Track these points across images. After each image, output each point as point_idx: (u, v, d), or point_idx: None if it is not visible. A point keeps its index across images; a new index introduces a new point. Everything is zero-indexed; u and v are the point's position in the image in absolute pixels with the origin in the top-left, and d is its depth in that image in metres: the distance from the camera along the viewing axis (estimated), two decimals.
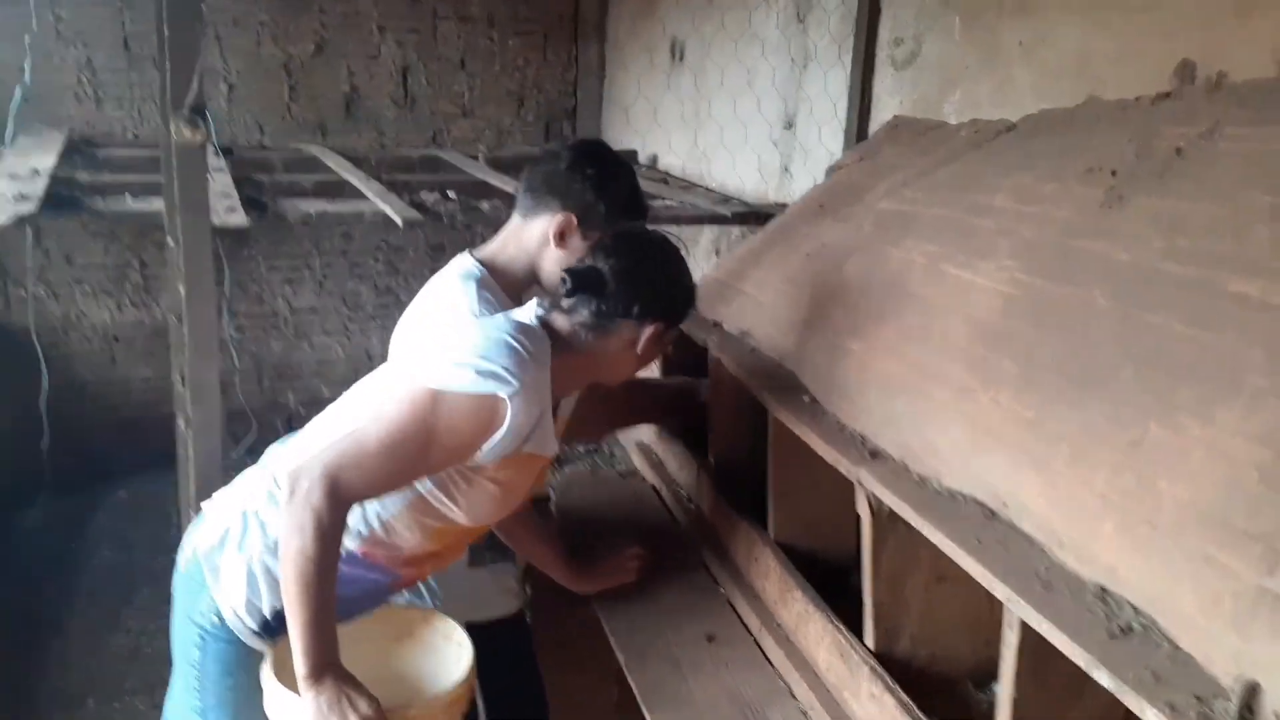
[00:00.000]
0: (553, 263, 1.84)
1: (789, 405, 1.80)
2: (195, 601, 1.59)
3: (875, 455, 1.60)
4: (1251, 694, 0.99)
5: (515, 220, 1.89)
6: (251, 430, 4.22)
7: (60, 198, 2.59)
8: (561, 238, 1.81)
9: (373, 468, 1.40)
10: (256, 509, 1.57)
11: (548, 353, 1.55)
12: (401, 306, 1.87)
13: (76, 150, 3.59)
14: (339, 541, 1.41)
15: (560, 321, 1.63)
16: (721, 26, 3.51)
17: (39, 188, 2.50)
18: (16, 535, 3.88)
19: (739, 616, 1.93)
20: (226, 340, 4.54)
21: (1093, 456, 1.25)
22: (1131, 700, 1.04)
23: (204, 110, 2.02)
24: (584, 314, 1.62)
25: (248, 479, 1.64)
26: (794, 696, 1.71)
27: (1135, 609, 1.14)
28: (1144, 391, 1.24)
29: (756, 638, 1.87)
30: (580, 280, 1.61)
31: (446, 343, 1.53)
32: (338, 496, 1.37)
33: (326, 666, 1.37)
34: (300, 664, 1.37)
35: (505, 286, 1.85)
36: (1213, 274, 1.25)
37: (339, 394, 1.70)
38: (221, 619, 1.57)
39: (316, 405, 4.51)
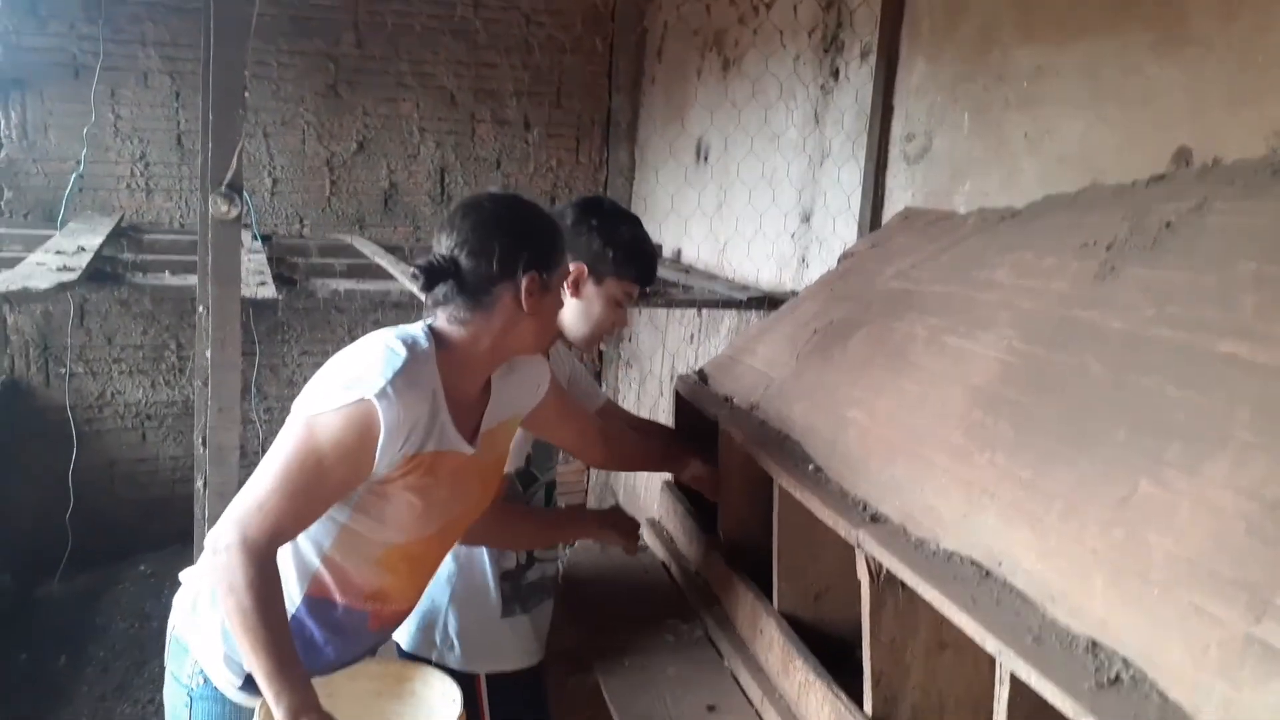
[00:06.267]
0: (571, 313, 1.91)
1: (793, 473, 1.82)
2: (181, 664, 1.60)
3: (876, 519, 1.60)
4: None
5: None
6: None
7: (102, 273, 2.70)
8: (576, 288, 1.89)
9: (275, 508, 1.39)
10: None
11: (423, 348, 1.51)
12: None
13: (124, 234, 3.75)
14: (274, 588, 1.40)
15: (441, 318, 1.57)
16: (743, 128, 3.65)
17: (83, 262, 2.61)
18: (37, 605, 3.91)
19: (741, 688, 1.91)
20: (256, 422, 4.63)
21: (1084, 513, 1.26)
22: None
23: (240, 188, 2.14)
24: (456, 299, 1.54)
25: None
26: None
27: (1125, 661, 1.13)
28: (1135, 450, 1.25)
29: (758, 708, 1.84)
30: (431, 271, 1.52)
31: (318, 376, 1.51)
32: (254, 546, 1.37)
33: (303, 709, 1.35)
34: (276, 713, 1.36)
35: None
36: (1202, 338, 1.28)
37: None
38: (206, 678, 1.57)
39: None
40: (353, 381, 1.43)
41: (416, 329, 1.54)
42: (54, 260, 2.61)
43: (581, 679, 2.06)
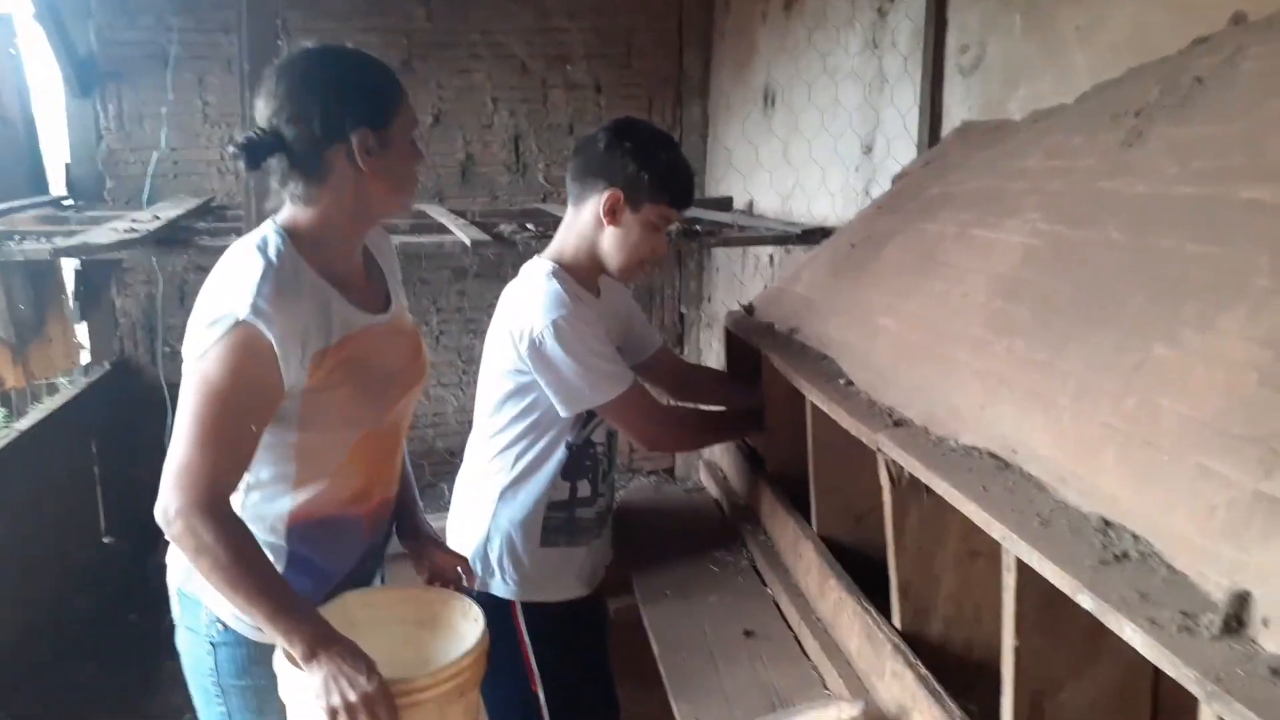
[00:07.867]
0: (609, 242, 1.84)
1: (823, 388, 1.75)
2: (195, 617, 1.53)
3: (899, 424, 1.52)
4: (1240, 604, 0.88)
5: (569, 212, 1.90)
6: None
7: (171, 239, 2.81)
8: (612, 214, 1.81)
9: (203, 463, 1.32)
10: None
11: (277, 247, 1.39)
12: None
13: (210, 211, 3.90)
14: (242, 534, 1.34)
15: (288, 204, 1.44)
16: (806, 65, 3.54)
17: (152, 228, 2.72)
18: (149, 570, 4.11)
19: (781, 613, 1.86)
20: None
21: (1097, 388, 1.17)
22: (1111, 619, 0.94)
23: None
24: (293, 175, 1.40)
25: None
26: (825, 687, 1.62)
27: (1135, 536, 1.04)
28: (1150, 316, 1.15)
29: (795, 632, 1.79)
30: (251, 147, 1.37)
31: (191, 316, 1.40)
32: (201, 504, 1.30)
33: (317, 642, 1.32)
34: (293, 652, 1.33)
35: (579, 277, 1.87)
36: (1225, 188, 1.17)
37: (452, 445, 1.64)
38: (224, 624, 1.51)
39: (430, 456, 4.53)
40: (220, 310, 1.33)
41: (266, 230, 1.42)
42: (124, 225, 2.72)
43: (625, 608, 2.04)
